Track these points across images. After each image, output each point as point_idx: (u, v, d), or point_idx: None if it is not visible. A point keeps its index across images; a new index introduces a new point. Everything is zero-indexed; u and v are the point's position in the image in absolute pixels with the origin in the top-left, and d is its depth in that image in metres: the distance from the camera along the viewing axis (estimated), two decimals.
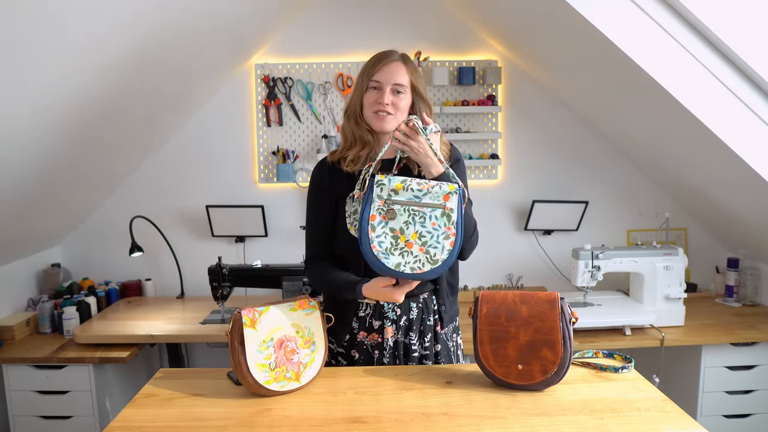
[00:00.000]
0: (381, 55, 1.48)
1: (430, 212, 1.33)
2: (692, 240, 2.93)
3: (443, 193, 1.33)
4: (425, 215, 1.34)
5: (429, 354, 1.55)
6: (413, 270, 1.34)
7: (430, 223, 1.33)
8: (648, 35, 1.83)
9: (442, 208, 1.33)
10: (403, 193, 1.34)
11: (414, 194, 1.34)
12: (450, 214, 1.33)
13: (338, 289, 1.49)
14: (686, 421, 1.15)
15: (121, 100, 2.08)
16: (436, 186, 1.33)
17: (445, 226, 1.33)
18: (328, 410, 1.22)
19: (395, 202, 1.35)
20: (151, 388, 1.33)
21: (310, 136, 2.85)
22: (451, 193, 1.33)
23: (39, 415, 2.29)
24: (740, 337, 2.29)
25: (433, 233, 1.33)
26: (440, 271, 1.34)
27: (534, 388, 1.28)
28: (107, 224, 2.86)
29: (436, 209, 1.33)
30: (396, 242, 1.34)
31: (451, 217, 1.33)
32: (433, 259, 1.33)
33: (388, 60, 1.46)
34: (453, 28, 2.78)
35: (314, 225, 1.57)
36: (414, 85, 1.48)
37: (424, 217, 1.34)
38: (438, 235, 1.33)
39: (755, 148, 1.92)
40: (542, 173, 2.89)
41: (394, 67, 1.46)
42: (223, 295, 2.42)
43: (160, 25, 1.82)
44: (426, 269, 1.34)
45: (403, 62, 1.48)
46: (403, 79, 1.45)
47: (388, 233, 1.35)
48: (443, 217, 1.33)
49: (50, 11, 1.38)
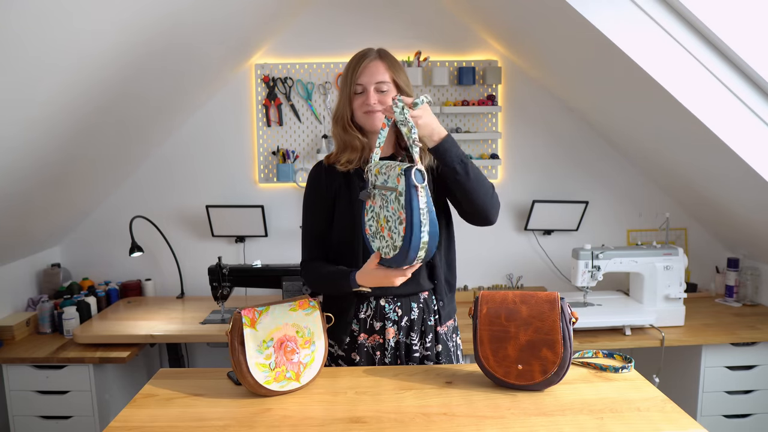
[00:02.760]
0: (360, 57, 1.50)
1: (389, 195, 1.28)
2: (692, 240, 2.93)
3: (395, 176, 1.26)
4: (387, 199, 1.29)
5: (430, 354, 1.55)
6: (385, 255, 1.32)
7: (390, 207, 1.28)
8: (648, 35, 1.83)
9: (394, 190, 1.26)
10: (380, 177, 1.32)
11: (384, 178, 1.30)
12: (399, 197, 1.25)
13: (333, 283, 1.48)
14: (686, 421, 1.15)
15: (121, 99, 2.08)
16: (393, 168, 1.27)
17: (398, 211, 1.26)
18: (328, 410, 1.22)
19: (375, 186, 1.33)
20: (151, 388, 1.33)
21: (310, 136, 2.85)
22: (400, 174, 1.24)
23: (39, 415, 2.29)
24: (740, 337, 2.29)
25: (391, 218, 1.28)
26: (403, 259, 1.27)
27: (534, 388, 1.28)
28: (107, 224, 2.87)
29: (392, 192, 1.27)
30: (377, 226, 1.34)
31: (400, 201, 1.24)
32: (394, 245, 1.28)
33: (367, 60, 1.48)
34: (453, 28, 2.78)
35: (310, 226, 1.58)
36: (395, 80, 1.49)
37: (387, 200, 1.29)
38: (395, 220, 1.27)
39: (755, 148, 1.92)
40: (542, 173, 2.89)
41: (373, 66, 1.47)
42: (223, 295, 2.42)
43: (159, 25, 1.82)
44: (391, 255, 1.30)
45: (380, 59, 1.49)
46: (383, 76, 1.47)
47: (374, 217, 1.35)
48: (396, 200, 1.26)
49: (49, 8, 1.38)
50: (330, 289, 1.55)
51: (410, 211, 1.22)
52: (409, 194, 1.22)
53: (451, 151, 1.37)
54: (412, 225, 1.22)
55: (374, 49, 1.52)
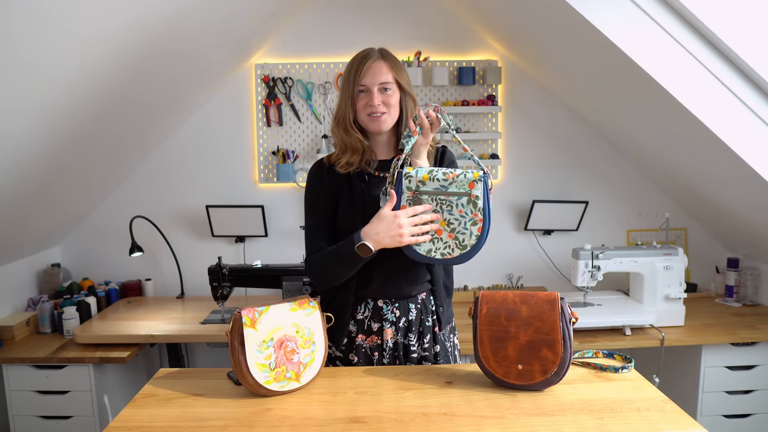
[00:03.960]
0: (362, 58, 1.48)
1: (456, 200, 1.39)
2: (692, 240, 2.93)
3: (468, 181, 1.38)
4: (452, 203, 1.39)
5: (428, 355, 1.55)
6: (443, 255, 1.41)
7: (457, 211, 1.39)
8: (648, 35, 1.83)
9: (468, 195, 1.38)
10: (430, 184, 1.40)
11: (440, 184, 1.39)
12: (476, 201, 1.38)
13: (339, 256, 1.44)
14: (686, 421, 1.15)
15: (121, 99, 2.08)
16: (461, 174, 1.38)
17: (471, 213, 1.39)
18: (328, 410, 1.21)
19: (423, 193, 1.40)
20: (151, 388, 1.33)
21: (310, 136, 2.85)
22: (476, 180, 1.38)
23: (39, 415, 2.29)
24: (740, 337, 2.29)
25: (460, 220, 1.39)
26: (470, 256, 1.40)
27: (534, 388, 1.28)
28: (107, 224, 2.87)
29: (462, 197, 1.39)
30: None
31: (477, 204, 1.38)
32: (462, 244, 1.40)
33: (371, 61, 1.47)
34: (453, 28, 2.78)
35: (313, 223, 1.55)
36: (397, 81, 1.49)
37: (451, 205, 1.39)
38: (466, 221, 1.39)
39: (755, 148, 1.92)
40: (542, 173, 2.89)
41: (376, 67, 1.46)
42: (223, 295, 2.42)
43: (159, 26, 1.82)
44: (455, 254, 1.41)
45: (383, 59, 1.48)
46: (386, 76, 1.47)
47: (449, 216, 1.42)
48: (469, 204, 1.38)
49: (48, 8, 1.38)
50: (335, 267, 1.46)
51: (488, 212, 1.39)
52: (486, 197, 1.39)
53: None
54: (489, 224, 1.40)
55: (376, 49, 1.51)
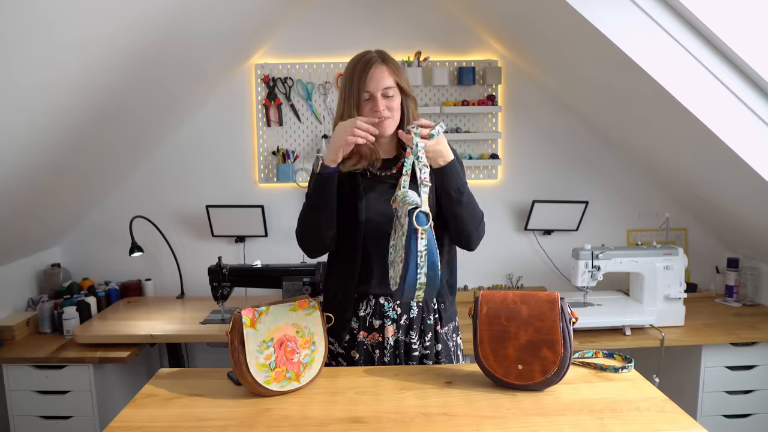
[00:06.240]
0: (364, 64, 1.47)
1: (399, 230, 1.28)
2: (692, 240, 2.92)
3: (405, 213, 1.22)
4: (396, 231, 1.30)
5: (430, 353, 1.55)
6: (392, 286, 1.32)
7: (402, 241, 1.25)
8: (648, 35, 1.83)
9: (402, 227, 1.24)
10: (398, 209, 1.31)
11: (401, 211, 1.28)
12: (403, 236, 1.22)
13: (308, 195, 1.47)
14: (686, 421, 1.15)
15: (121, 100, 2.07)
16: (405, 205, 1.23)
17: (401, 249, 1.23)
18: (328, 410, 1.21)
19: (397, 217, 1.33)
20: (151, 388, 1.33)
21: (310, 136, 2.85)
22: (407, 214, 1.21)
23: (39, 415, 2.29)
24: (740, 337, 2.29)
25: (399, 251, 1.27)
26: (398, 294, 1.26)
27: (534, 388, 1.28)
28: (107, 224, 2.86)
29: (401, 228, 1.25)
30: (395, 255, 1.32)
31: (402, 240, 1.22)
32: (396, 280, 1.27)
33: (373, 67, 1.46)
34: (453, 28, 2.78)
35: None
36: (398, 84, 1.49)
37: (399, 234, 1.28)
38: (399, 255, 1.26)
39: (755, 148, 1.92)
40: (542, 173, 2.89)
41: (378, 72, 1.46)
42: (223, 295, 2.42)
43: (159, 26, 1.82)
44: (394, 288, 1.30)
45: (384, 64, 1.48)
46: (388, 81, 1.46)
47: (394, 245, 1.34)
48: (402, 237, 1.22)
49: (49, 10, 1.38)
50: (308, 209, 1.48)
51: (408, 252, 1.20)
52: (409, 235, 1.20)
53: (452, 176, 1.40)
54: (407, 267, 1.20)
55: (375, 53, 1.50)
